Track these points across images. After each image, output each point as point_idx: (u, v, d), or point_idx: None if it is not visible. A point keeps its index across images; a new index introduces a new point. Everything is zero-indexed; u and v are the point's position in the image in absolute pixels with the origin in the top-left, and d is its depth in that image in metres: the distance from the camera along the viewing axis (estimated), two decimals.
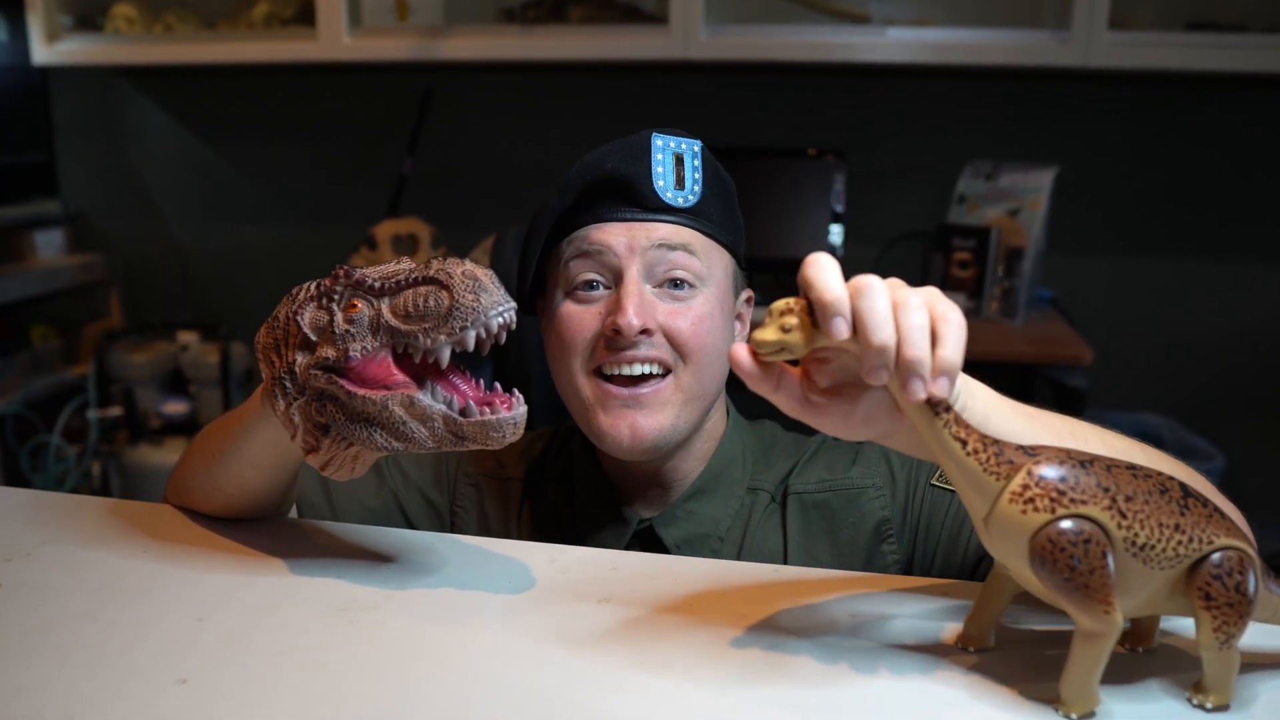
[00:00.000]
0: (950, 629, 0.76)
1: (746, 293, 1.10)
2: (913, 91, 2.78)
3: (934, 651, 0.73)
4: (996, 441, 0.65)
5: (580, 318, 1.00)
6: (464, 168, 3.04)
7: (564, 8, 2.70)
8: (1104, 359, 2.35)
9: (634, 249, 0.98)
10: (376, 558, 0.90)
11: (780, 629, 0.76)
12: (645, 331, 0.97)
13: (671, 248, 0.99)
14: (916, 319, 0.64)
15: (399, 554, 0.91)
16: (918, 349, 0.64)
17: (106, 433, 3.01)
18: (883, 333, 0.63)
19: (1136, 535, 0.62)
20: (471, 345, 0.75)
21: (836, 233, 2.63)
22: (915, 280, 0.69)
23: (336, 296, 0.80)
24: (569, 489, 1.10)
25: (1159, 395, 2.75)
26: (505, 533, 1.09)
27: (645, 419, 0.98)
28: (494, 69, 2.92)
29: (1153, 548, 0.62)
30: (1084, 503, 0.62)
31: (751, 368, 0.67)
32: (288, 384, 0.81)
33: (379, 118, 3.06)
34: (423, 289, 0.76)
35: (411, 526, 1.08)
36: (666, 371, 0.99)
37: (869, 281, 0.65)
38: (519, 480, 1.12)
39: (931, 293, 0.68)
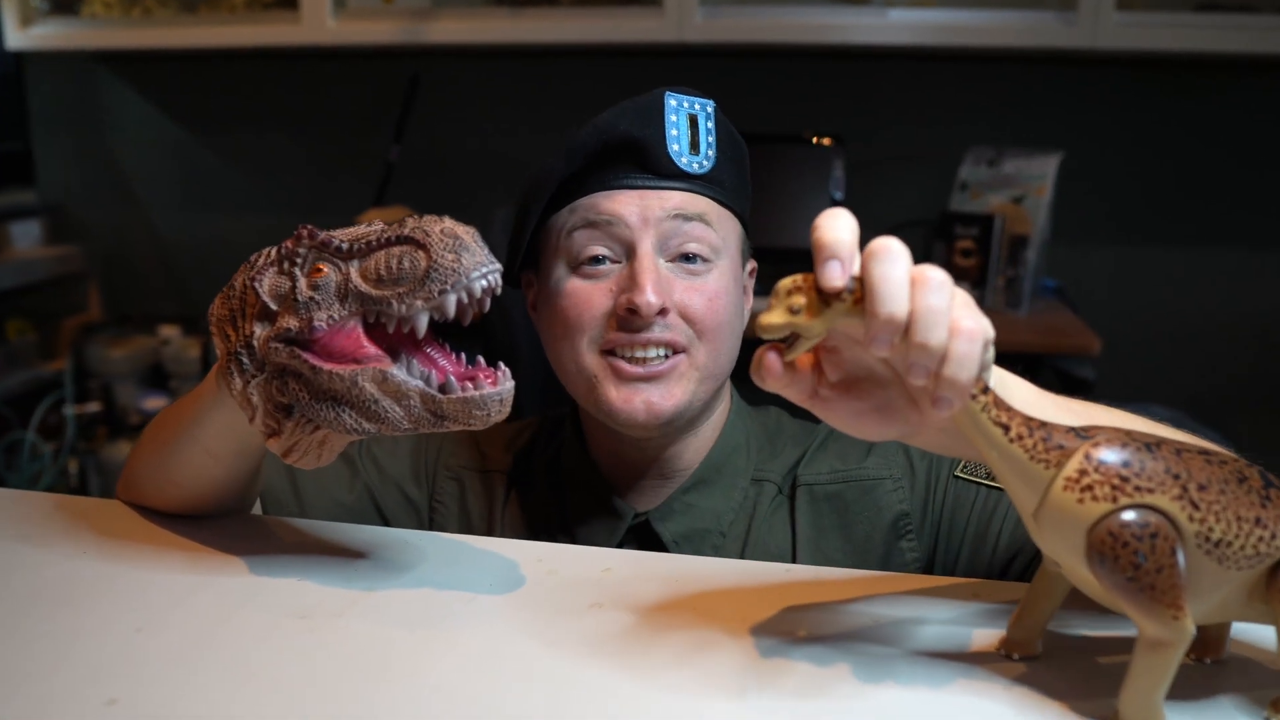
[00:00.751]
0: (989, 634, 0.68)
1: (751, 264, 1.03)
2: (914, 75, 2.71)
3: (972, 660, 0.65)
4: (1044, 425, 0.57)
5: (588, 294, 0.92)
6: (452, 155, 2.96)
7: None
8: (1110, 349, 2.28)
9: (647, 220, 0.91)
10: (344, 557, 0.81)
11: (791, 635, 0.68)
12: (662, 311, 0.90)
13: (687, 218, 0.92)
14: (935, 299, 0.55)
15: (369, 552, 0.83)
16: (930, 334, 0.55)
17: (84, 429, 2.94)
18: (892, 304, 0.55)
19: (1211, 529, 0.54)
20: (452, 312, 0.67)
21: None
22: None
23: (299, 260, 0.71)
24: (558, 481, 1.02)
25: (1166, 386, 2.68)
26: (489, 530, 1.00)
27: (660, 394, 0.91)
28: (482, 53, 2.85)
29: (1229, 544, 0.54)
30: (1150, 491, 0.54)
31: (781, 373, 0.60)
32: (244, 359, 0.73)
33: (364, 104, 2.99)
34: (396, 249, 0.68)
35: (387, 523, 1.00)
36: (680, 351, 0.92)
37: (887, 244, 0.57)
38: (503, 473, 1.03)
39: (964, 295, 0.59)
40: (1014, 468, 0.57)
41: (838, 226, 0.57)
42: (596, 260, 0.92)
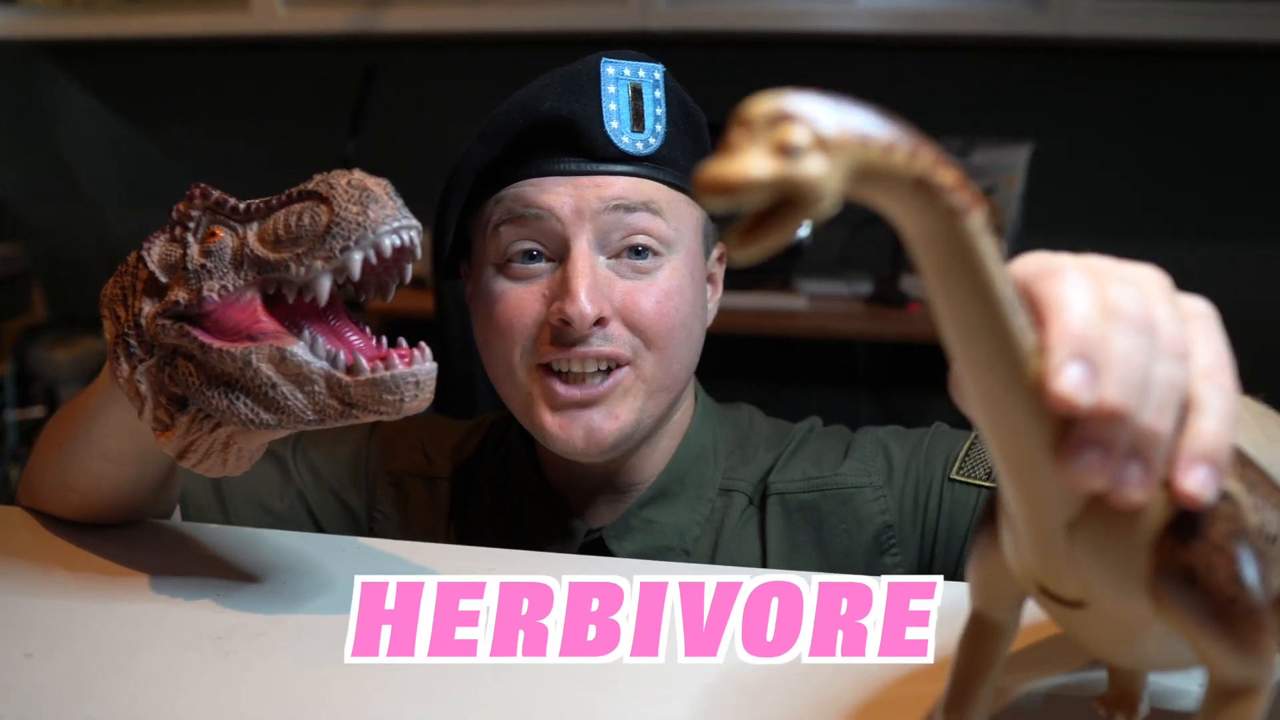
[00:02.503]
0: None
1: (719, 249, 0.91)
2: (882, 65, 2.67)
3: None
4: None
5: (519, 300, 0.81)
6: (410, 149, 2.88)
7: None
8: None
9: (582, 213, 0.79)
10: (268, 569, 0.73)
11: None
12: (600, 321, 0.79)
13: (630, 208, 0.80)
14: (1165, 370, 0.38)
15: (297, 564, 0.74)
16: (1155, 420, 0.37)
17: (27, 435, 2.84)
18: (1120, 388, 0.36)
19: (1266, 521, 0.41)
20: (357, 271, 0.58)
21: None
22: (885, 261, 0.42)
23: (192, 224, 0.63)
24: (506, 492, 0.92)
25: None
26: (431, 539, 0.91)
27: (603, 419, 0.80)
28: (440, 43, 2.77)
29: (1278, 541, 0.41)
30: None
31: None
32: (132, 342, 0.64)
33: (318, 96, 2.91)
34: (297, 206, 0.60)
35: (321, 534, 0.91)
36: (623, 365, 0.81)
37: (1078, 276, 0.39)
38: (447, 480, 0.94)
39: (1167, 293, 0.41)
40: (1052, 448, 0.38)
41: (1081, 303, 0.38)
42: (528, 257, 0.81)
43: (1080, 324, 0.36)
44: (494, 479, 0.93)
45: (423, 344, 0.61)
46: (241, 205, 0.62)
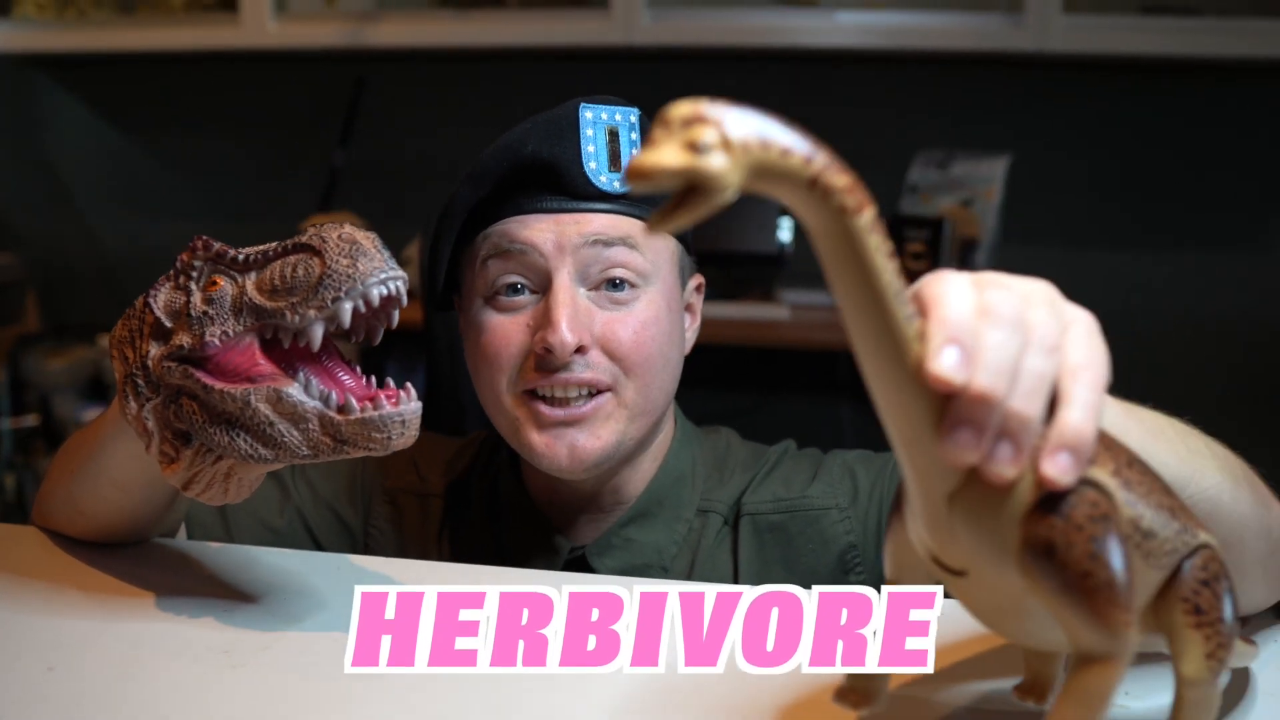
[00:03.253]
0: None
1: (696, 279, 0.97)
2: (862, 78, 2.71)
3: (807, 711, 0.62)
4: None
5: (505, 331, 0.87)
6: (398, 160, 2.92)
7: None
8: None
9: (563, 247, 0.85)
10: (269, 586, 0.78)
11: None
12: (580, 349, 0.84)
13: (608, 243, 0.86)
14: (1034, 362, 0.43)
15: (296, 581, 0.79)
16: (1023, 405, 0.43)
17: (21, 443, 2.86)
18: (989, 373, 0.42)
19: (1141, 516, 0.45)
20: (348, 320, 0.63)
21: (785, 225, 2.55)
22: None
23: (195, 273, 0.68)
24: (495, 509, 0.97)
25: (1116, 388, 2.68)
26: (424, 557, 0.96)
27: (587, 438, 0.85)
28: (428, 56, 2.80)
29: (1155, 535, 0.46)
30: (1093, 461, 0.44)
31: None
32: (140, 382, 0.69)
33: (308, 108, 2.94)
34: (292, 258, 0.65)
35: (320, 550, 0.96)
36: (604, 390, 0.87)
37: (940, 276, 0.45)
38: (440, 497, 0.99)
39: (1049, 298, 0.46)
40: (934, 428, 0.43)
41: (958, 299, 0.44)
42: (513, 290, 0.87)
43: (956, 315, 0.42)
44: (483, 497, 0.98)
45: (409, 384, 0.66)
46: (241, 255, 0.67)
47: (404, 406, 0.64)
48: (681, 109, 0.38)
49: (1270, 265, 2.64)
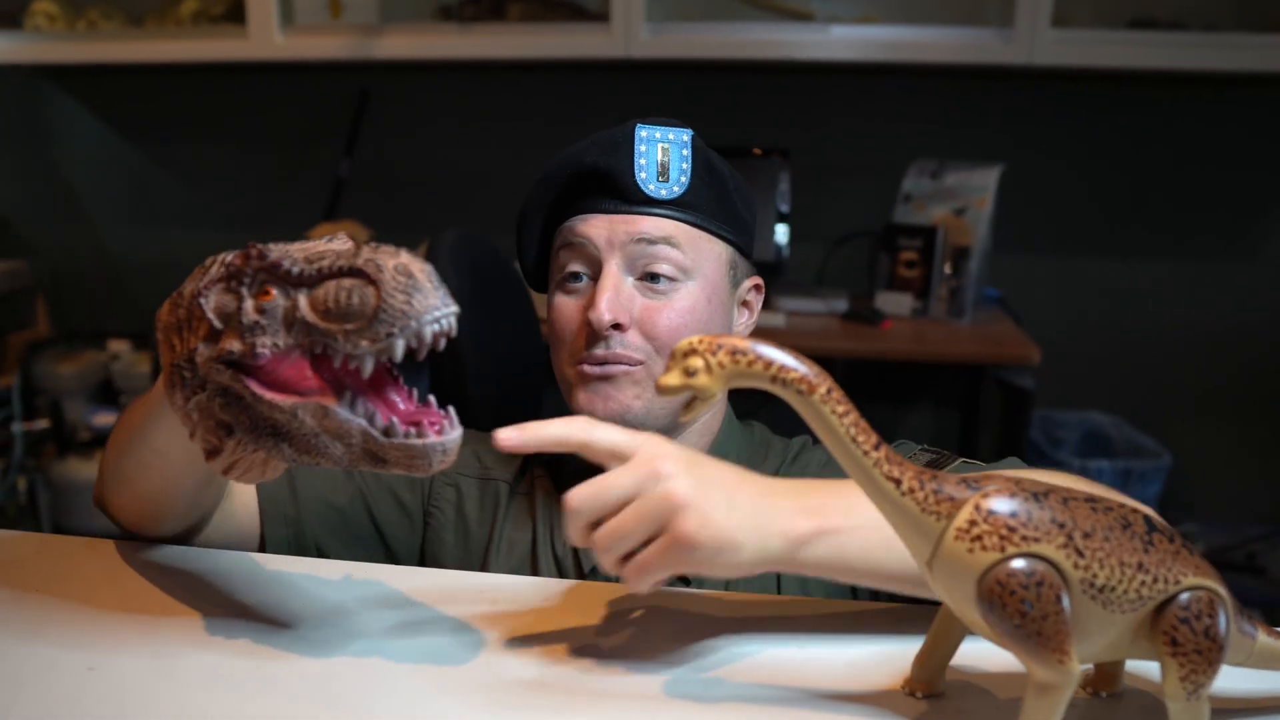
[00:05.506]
0: (896, 671, 0.71)
1: (754, 280, 1.08)
2: (857, 90, 2.75)
3: (876, 700, 0.68)
4: (935, 476, 0.60)
5: (566, 309, 1.00)
6: (402, 170, 2.97)
7: (502, 6, 2.64)
8: (1051, 358, 2.34)
9: (613, 243, 0.98)
10: (301, 593, 0.83)
11: (708, 666, 0.72)
12: (618, 326, 0.97)
13: (651, 241, 0.98)
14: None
15: (326, 587, 0.84)
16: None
17: (33, 446, 2.90)
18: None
19: (1095, 575, 0.57)
20: (399, 356, 0.64)
21: (782, 233, 2.59)
22: (861, 279, 0.64)
23: (247, 280, 0.68)
24: (552, 497, 1.04)
25: (1106, 394, 2.75)
26: (488, 539, 1.03)
27: (618, 393, 0.97)
28: (431, 68, 2.85)
29: (1113, 589, 0.58)
30: (1037, 540, 0.57)
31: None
32: (186, 374, 0.70)
33: (314, 119, 2.98)
34: (347, 282, 0.65)
35: (379, 532, 1.02)
36: (638, 364, 0.98)
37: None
38: (506, 482, 1.07)
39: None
40: (907, 520, 0.59)
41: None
42: (575, 277, 1.00)
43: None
44: (549, 479, 1.06)
45: (451, 410, 0.68)
46: (295, 270, 0.67)
47: (446, 436, 0.66)
48: (683, 345, 0.59)
49: (1257, 272, 2.69)
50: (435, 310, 0.64)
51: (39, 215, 3.22)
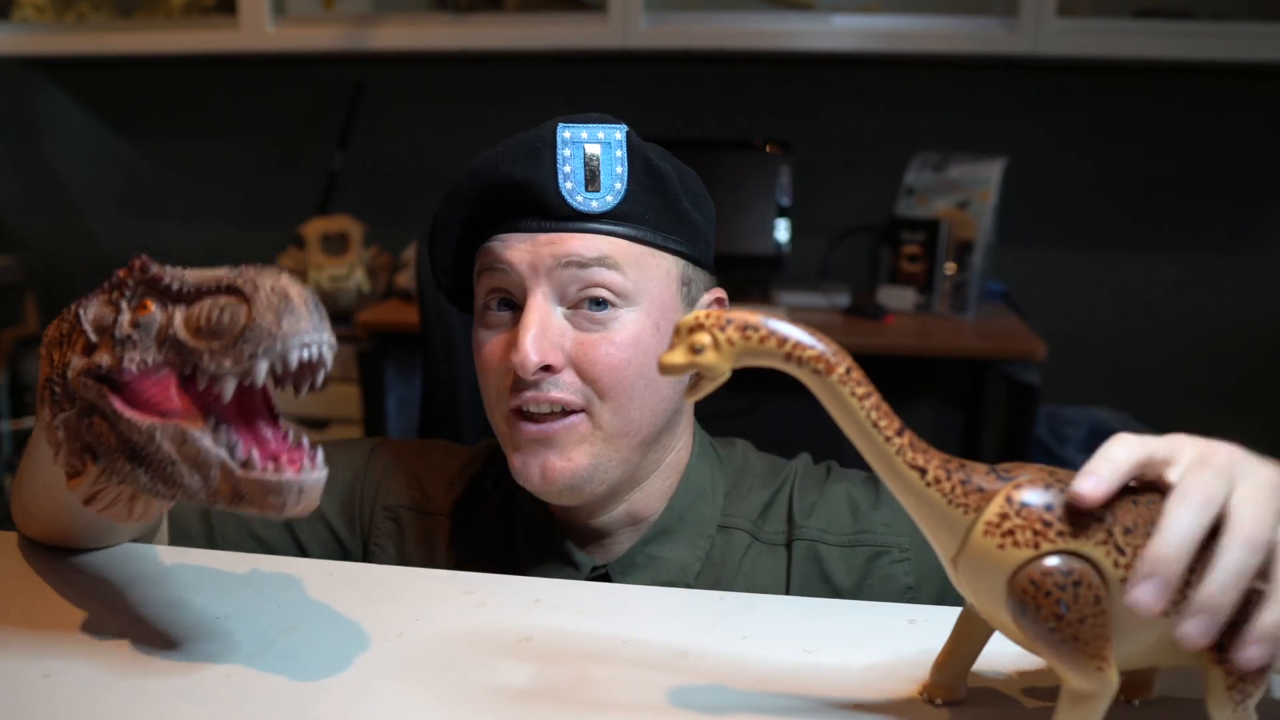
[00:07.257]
0: (914, 676, 0.67)
1: (714, 293, 0.93)
2: (859, 81, 2.72)
3: (893, 708, 0.64)
4: (963, 465, 0.55)
5: (491, 348, 0.86)
6: (396, 163, 2.93)
7: None
8: (1056, 352, 2.30)
9: (537, 268, 0.83)
10: (262, 592, 0.79)
11: (713, 672, 0.67)
12: (549, 369, 0.82)
13: (583, 264, 0.83)
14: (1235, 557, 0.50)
15: (288, 587, 0.80)
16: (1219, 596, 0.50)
17: (20, 446, 2.87)
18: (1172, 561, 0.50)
19: None
20: (261, 379, 0.59)
21: (783, 227, 2.56)
22: (863, 273, 0.59)
23: (128, 292, 0.64)
24: (509, 527, 0.95)
25: (1112, 389, 2.71)
26: None
27: (557, 458, 0.84)
28: (426, 59, 2.82)
29: None
30: (1074, 536, 0.52)
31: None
32: (56, 389, 0.66)
33: (307, 111, 2.95)
34: (222, 299, 0.61)
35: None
36: (577, 411, 0.84)
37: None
38: (446, 515, 0.97)
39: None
40: (932, 512, 0.55)
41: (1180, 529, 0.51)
42: (500, 305, 0.86)
43: (1166, 551, 0.50)
44: (496, 512, 0.96)
45: (319, 451, 0.63)
46: (175, 284, 0.63)
47: (305, 475, 0.61)
48: (688, 320, 0.54)
49: (1266, 266, 2.65)
50: (305, 335, 0.59)
51: (27, 209, 3.19)
